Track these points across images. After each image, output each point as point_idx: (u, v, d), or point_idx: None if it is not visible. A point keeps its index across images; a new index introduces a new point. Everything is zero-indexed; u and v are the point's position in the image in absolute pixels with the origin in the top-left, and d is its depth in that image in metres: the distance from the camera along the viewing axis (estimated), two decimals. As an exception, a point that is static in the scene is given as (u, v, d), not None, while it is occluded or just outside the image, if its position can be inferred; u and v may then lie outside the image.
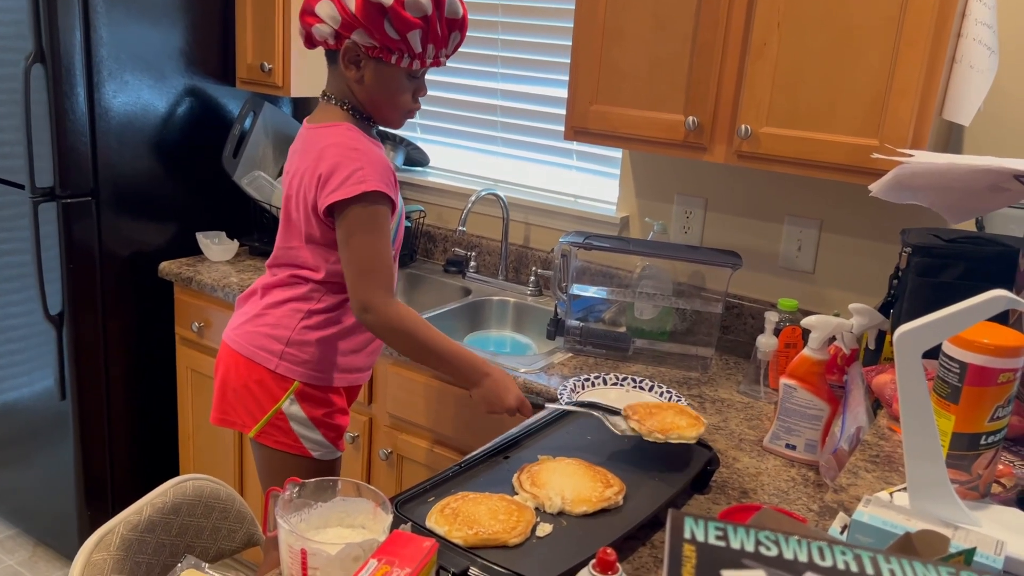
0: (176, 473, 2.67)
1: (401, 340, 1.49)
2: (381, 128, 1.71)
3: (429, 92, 2.68)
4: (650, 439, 1.35)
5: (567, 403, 1.50)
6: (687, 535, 0.56)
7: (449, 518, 1.14)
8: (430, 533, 1.11)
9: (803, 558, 0.54)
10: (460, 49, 2.57)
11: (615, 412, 1.45)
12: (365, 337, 1.63)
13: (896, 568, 0.54)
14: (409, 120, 2.71)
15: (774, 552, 0.55)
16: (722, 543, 0.55)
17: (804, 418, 1.53)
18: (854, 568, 0.54)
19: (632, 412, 1.43)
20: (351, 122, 1.54)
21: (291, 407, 1.58)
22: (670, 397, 1.74)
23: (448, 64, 2.61)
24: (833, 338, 1.61)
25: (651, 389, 1.78)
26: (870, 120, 1.64)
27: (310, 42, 1.54)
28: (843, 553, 0.55)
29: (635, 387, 1.80)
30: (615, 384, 1.82)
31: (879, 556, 0.55)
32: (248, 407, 1.61)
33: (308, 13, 1.49)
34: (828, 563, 0.54)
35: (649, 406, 1.49)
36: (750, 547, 0.55)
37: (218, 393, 1.64)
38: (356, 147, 1.48)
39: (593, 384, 1.81)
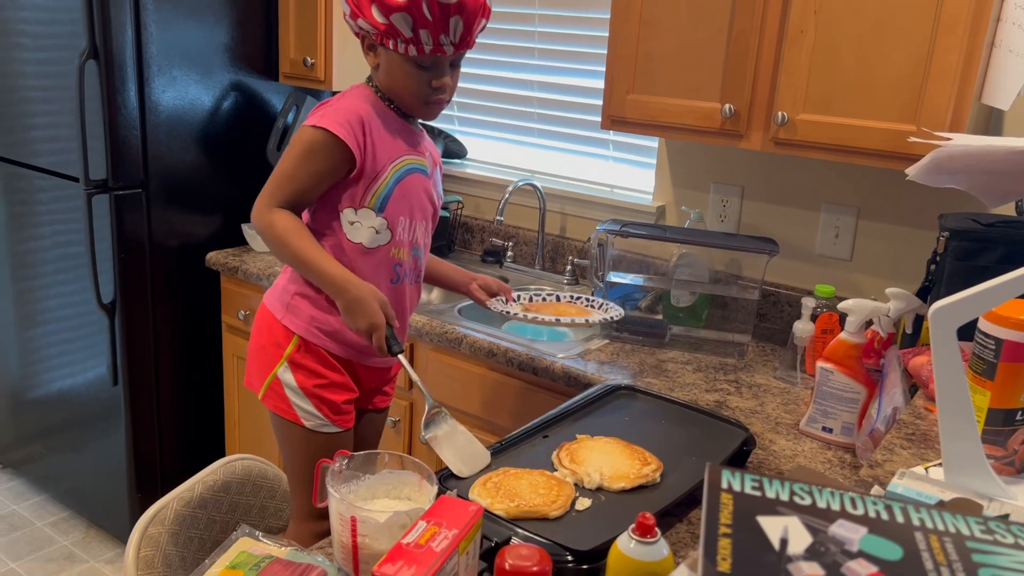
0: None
1: (271, 244, 1.52)
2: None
3: (468, 85, 2.72)
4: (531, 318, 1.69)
5: (500, 308, 1.75)
6: (724, 485, 0.59)
7: (491, 491, 1.18)
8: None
9: (835, 507, 0.57)
10: (498, 42, 2.61)
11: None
12: None
13: (926, 517, 0.57)
14: (446, 112, 2.79)
15: (808, 501, 0.57)
16: (758, 492, 0.58)
17: (841, 401, 1.54)
18: (885, 516, 0.56)
19: (528, 307, 1.80)
20: (368, 88, 1.58)
21: (284, 374, 1.61)
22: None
23: (486, 56, 2.65)
24: (870, 322, 1.62)
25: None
26: (908, 105, 1.65)
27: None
28: (874, 503, 0.58)
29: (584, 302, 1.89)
30: (570, 301, 1.90)
31: (909, 506, 0.58)
32: (258, 367, 1.66)
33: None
34: (860, 511, 0.57)
35: (548, 305, 1.83)
36: (785, 496, 0.58)
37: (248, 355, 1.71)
38: (344, 95, 1.56)
39: (544, 299, 1.88)
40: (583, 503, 1.20)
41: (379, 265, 1.59)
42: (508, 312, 1.72)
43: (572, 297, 1.88)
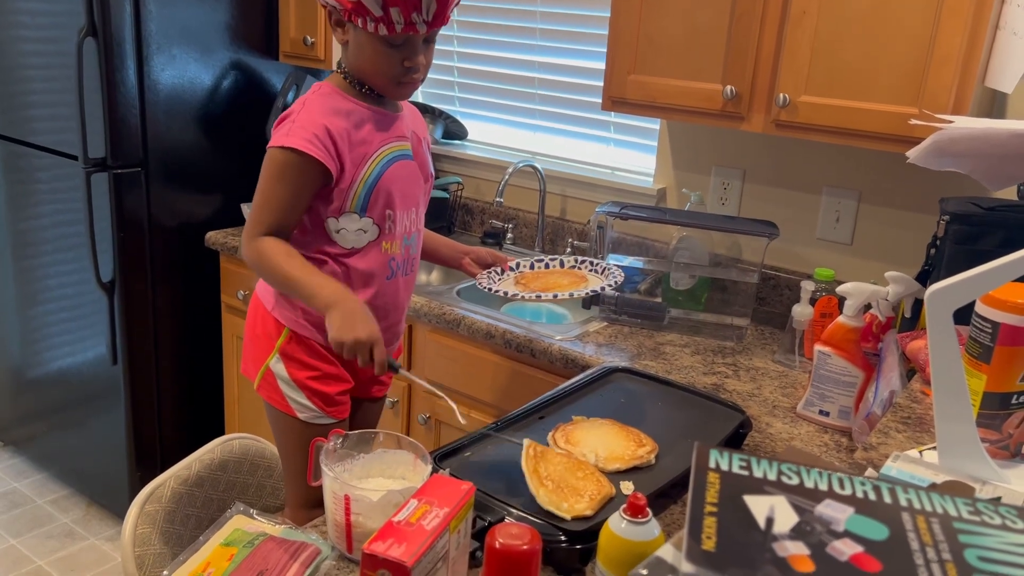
0: (222, 438, 2.76)
1: (260, 269, 1.47)
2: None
3: (468, 65, 2.71)
4: (528, 296, 1.54)
5: (487, 287, 1.61)
6: (712, 464, 0.58)
7: (552, 492, 1.13)
8: (552, 517, 1.10)
9: (823, 487, 0.57)
10: (499, 22, 2.59)
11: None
12: None
13: (913, 498, 0.57)
14: (447, 93, 2.78)
15: (795, 481, 0.57)
16: (745, 472, 0.58)
17: (838, 385, 1.54)
18: (872, 497, 0.56)
19: (520, 277, 1.66)
20: (333, 83, 1.52)
21: (276, 365, 1.60)
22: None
23: (487, 37, 2.64)
24: (869, 306, 1.62)
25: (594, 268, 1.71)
26: (910, 88, 1.63)
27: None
28: (862, 484, 0.58)
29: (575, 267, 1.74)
30: (573, 267, 1.73)
31: (897, 487, 0.58)
32: (252, 357, 1.66)
33: None
34: (847, 491, 0.57)
35: (542, 274, 1.69)
36: (772, 476, 0.58)
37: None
38: (305, 102, 1.48)
39: (532, 267, 1.75)
40: (627, 486, 1.19)
41: (373, 264, 1.55)
42: (491, 289, 1.60)
43: (577, 261, 1.72)
